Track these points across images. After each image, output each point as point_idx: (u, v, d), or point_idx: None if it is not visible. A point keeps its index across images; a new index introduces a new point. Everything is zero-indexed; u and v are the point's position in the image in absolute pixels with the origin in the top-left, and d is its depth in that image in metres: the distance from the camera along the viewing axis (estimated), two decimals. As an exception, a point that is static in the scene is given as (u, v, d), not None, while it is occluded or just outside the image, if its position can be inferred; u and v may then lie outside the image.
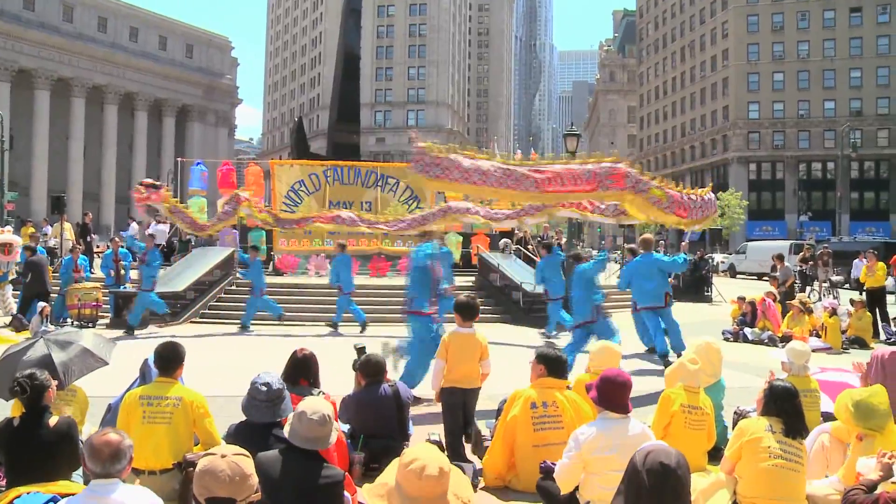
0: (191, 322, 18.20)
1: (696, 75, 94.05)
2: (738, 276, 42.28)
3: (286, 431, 4.28)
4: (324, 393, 6.20)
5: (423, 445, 3.54)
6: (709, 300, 26.79)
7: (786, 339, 14.56)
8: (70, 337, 6.90)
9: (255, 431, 5.09)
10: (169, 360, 5.75)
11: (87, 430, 6.21)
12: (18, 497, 4.66)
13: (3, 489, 5.06)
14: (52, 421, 5.12)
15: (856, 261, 24.89)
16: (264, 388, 5.19)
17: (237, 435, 5.20)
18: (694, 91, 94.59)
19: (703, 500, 5.16)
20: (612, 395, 5.06)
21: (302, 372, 6.27)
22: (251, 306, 17.52)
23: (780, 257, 22.25)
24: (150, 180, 16.83)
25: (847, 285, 28.44)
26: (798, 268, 26.40)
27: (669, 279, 13.96)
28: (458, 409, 6.99)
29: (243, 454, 3.39)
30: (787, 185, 79.58)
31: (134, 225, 30.25)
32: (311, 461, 4.11)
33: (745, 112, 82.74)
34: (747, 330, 16.94)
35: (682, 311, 22.54)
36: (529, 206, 16.52)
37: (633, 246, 15.94)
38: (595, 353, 7.04)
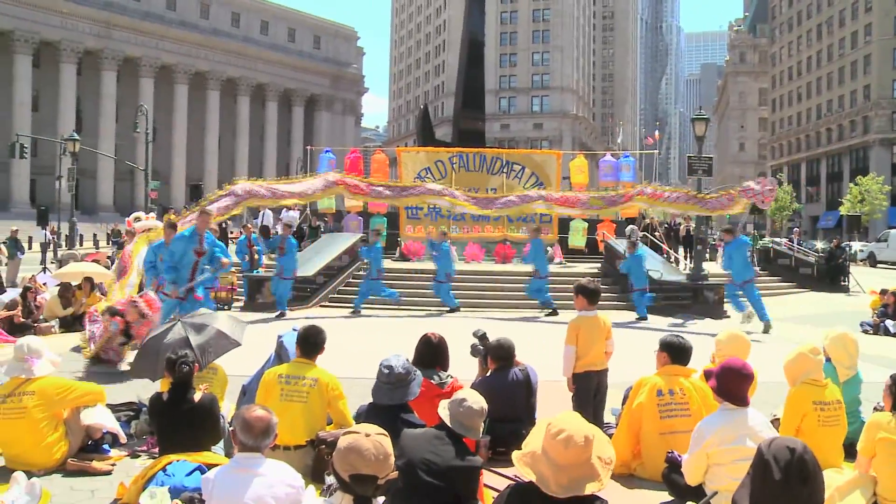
0: (320, 306, 18.71)
1: (833, 53, 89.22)
2: (878, 265, 40.10)
3: (442, 414, 4.40)
4: (452, 377, 6.24)
5: (569, 415, 3.58)
6: (846, 290, 25.53)
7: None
8: (205, 320, 7.22)
9: (381, 413, 5.15)
10: (313, 343, 5.97)
11: (227, 406, 6.49)
12: (170, 463, 5.00)
13: (157, 455, 5.45)
14: (196, 396, 5.46)
15: None
16: (386, 371, 5.28)
17: (366, 416, 5.29)
18: (831, 70, 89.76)
19: (840, 497, 4.92)
20: (733, 386, 4.95)
21: (437, 356, 6.34)
22: (367, 289, 17.82)
23: None
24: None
25: None
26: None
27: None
28: (591, 393, 7.03)
29: (384, 434, 3.48)
30: (937, 170, 74.59)
31: (267, 212, 31.24)
32: (458, 444, 4.25)
33: (889, 91, 77.72)
34: (889, 322, 15.97)
35: (816, 302, 21.82)
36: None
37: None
38: (723, 341, 6.71)
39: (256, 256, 20.24)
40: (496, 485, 4.94)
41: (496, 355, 6.73)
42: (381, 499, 3.59)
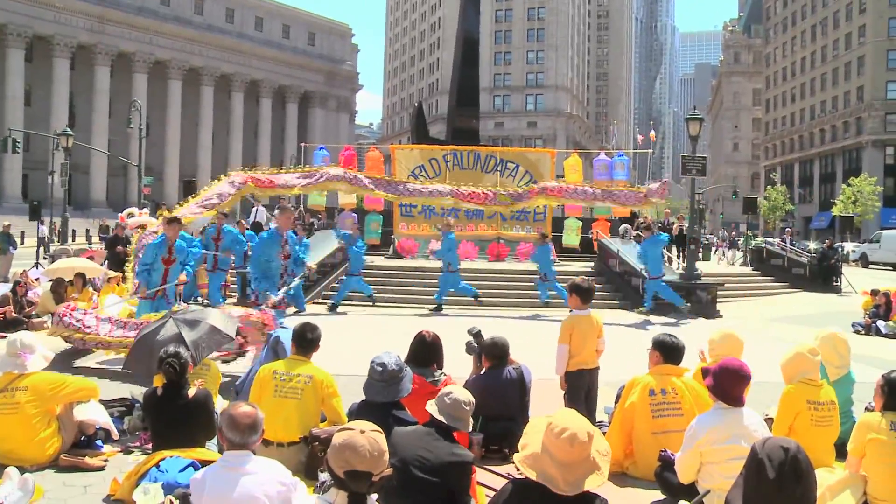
0: (313, 303, 18.67)
1: (827, 54, 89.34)
2: (870, 266, 40.23)
3: (430, 410, 4.44)
4: (446, 375, 6.24)
5: (567, 412, 3.60)
6: (837, 290, 25.59)
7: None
8: (197, 315, 7.22)
9: (374, 410, 5.16)
10: (308, 340, 5.99)
11: (220, 402, 6.49)
12: (163, 459, 5.00)
13: (150, 451, 5.45)
14: (191, 392, 5.46)
15: None
16: (379, 368, 5.30)
17: (358, 413, 5.29)
18: (825, 71, 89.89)
19: (831, 496, 4.96)
20: (729, 386, 4.97)
21: (431, 354, 6.35)
22: (345, 286, 17.97)
23: None
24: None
25: None
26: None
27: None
28: (583, 391, 7.09)
29: (378, 430, 3.48)
30: (928, 171, 74.68)
31: (260, 209, 31.16)
32: (448, 440, 4.29)
33: (882, 92, 77.74)
34: (880, 323, 16.06)
35: (809, 302, 21.86)
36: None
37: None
38: (717, 340, 6.73)
39: (250, 252, 20.18)
40: (490, 482, 4.95)
41: (490, 353, 6.74)
42: (375, 495, 3.60)
